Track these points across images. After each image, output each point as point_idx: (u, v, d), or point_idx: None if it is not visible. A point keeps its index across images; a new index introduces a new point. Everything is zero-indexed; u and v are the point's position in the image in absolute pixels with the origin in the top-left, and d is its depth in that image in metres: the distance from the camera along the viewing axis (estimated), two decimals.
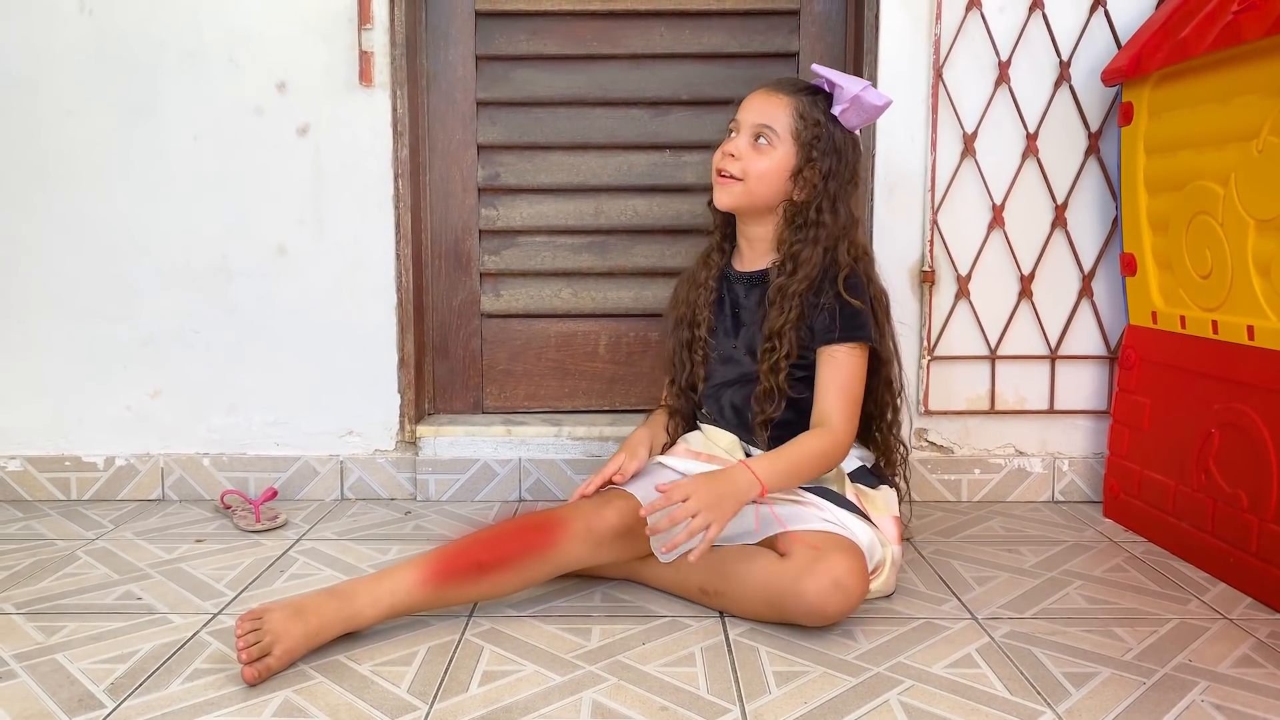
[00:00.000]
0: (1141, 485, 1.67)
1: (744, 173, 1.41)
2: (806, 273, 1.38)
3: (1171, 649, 1.22)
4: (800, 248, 1.40)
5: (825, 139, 1.40)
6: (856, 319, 1.38)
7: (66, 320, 1.84)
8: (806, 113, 1.40)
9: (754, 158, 1.41)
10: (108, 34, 1.79)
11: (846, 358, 1.38)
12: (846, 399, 1.37)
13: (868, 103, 1.40)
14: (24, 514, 1.79)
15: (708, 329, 1.49)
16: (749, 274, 1.48)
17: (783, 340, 1.38)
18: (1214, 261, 1.48)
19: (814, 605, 1.21)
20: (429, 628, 1.27)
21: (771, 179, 1.41)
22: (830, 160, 1.40)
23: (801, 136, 1.40)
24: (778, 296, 1.40)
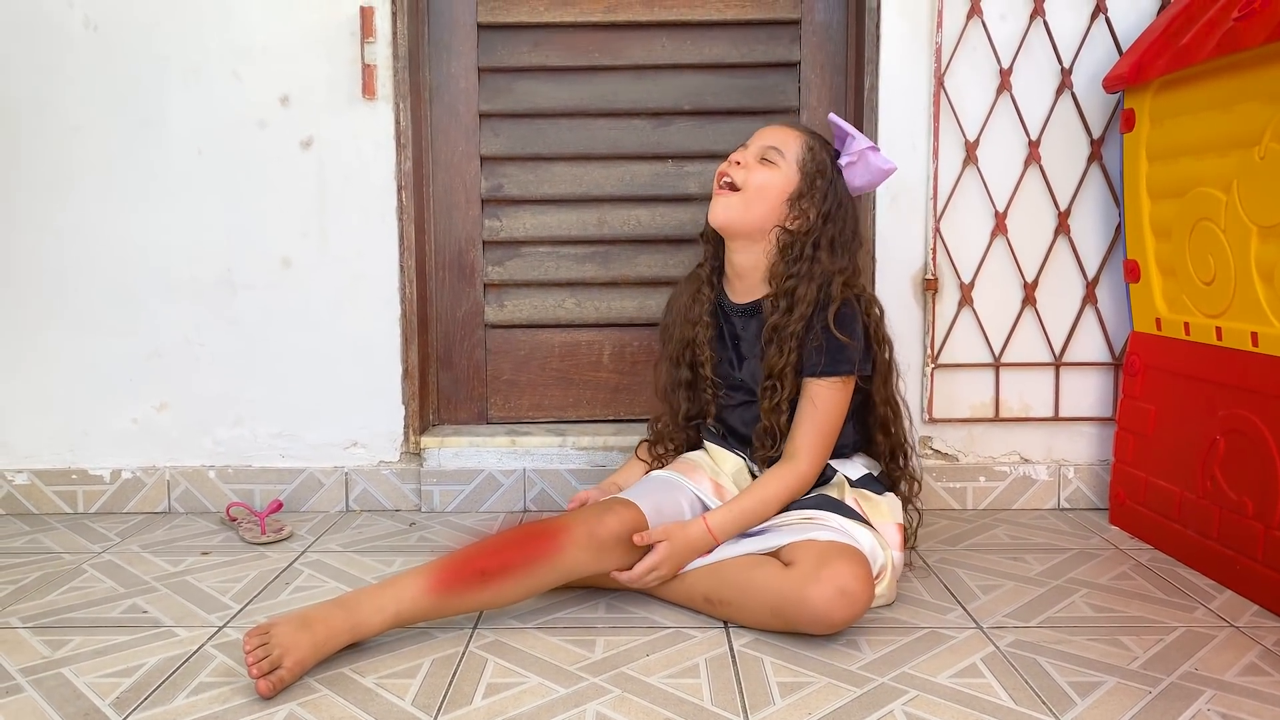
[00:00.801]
0: (1147, 492, 1.67)
1: (745, 183, 1.42)
2: (802, 311, 1.39)
3: (1178, 657, 1.21)
4: (795, 283, 1.41)
5: (827, 180, 1.43)
6: (842, 353, 1.39)
7: (73, 334, 1.85)
8: (816, 150, 1.44)
9: (757, 169, 1.43)
10: (112, 50, 1.80)
11: (827, 392, 1.39)
12: (819, 434, 1.39)
13: (874, 163, 1.43)
14: (31, 527, 1.80)
15: (712, 368, 1.49)
16: (744, 305, 1.49)
17: (784, 382, 1.40)
18: (1217, 268, 1.48)
19: (820, 613, 1.21)
20: (433, 639, 1.27)
21: (770, 195, 1.41)
22: (830, 203, 1.42)
23: (806, 167, 1.42)
24: (774, 336, 1.41)
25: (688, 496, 1.43)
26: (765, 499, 1.37)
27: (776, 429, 1.40)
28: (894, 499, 1.45)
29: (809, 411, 1.39)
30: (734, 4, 1.90)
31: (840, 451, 1.46)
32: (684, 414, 1.53)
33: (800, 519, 1.34)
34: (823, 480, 1.44)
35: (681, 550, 1.34)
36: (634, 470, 1.55)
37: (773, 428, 1.40)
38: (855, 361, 1.40)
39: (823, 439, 1.40)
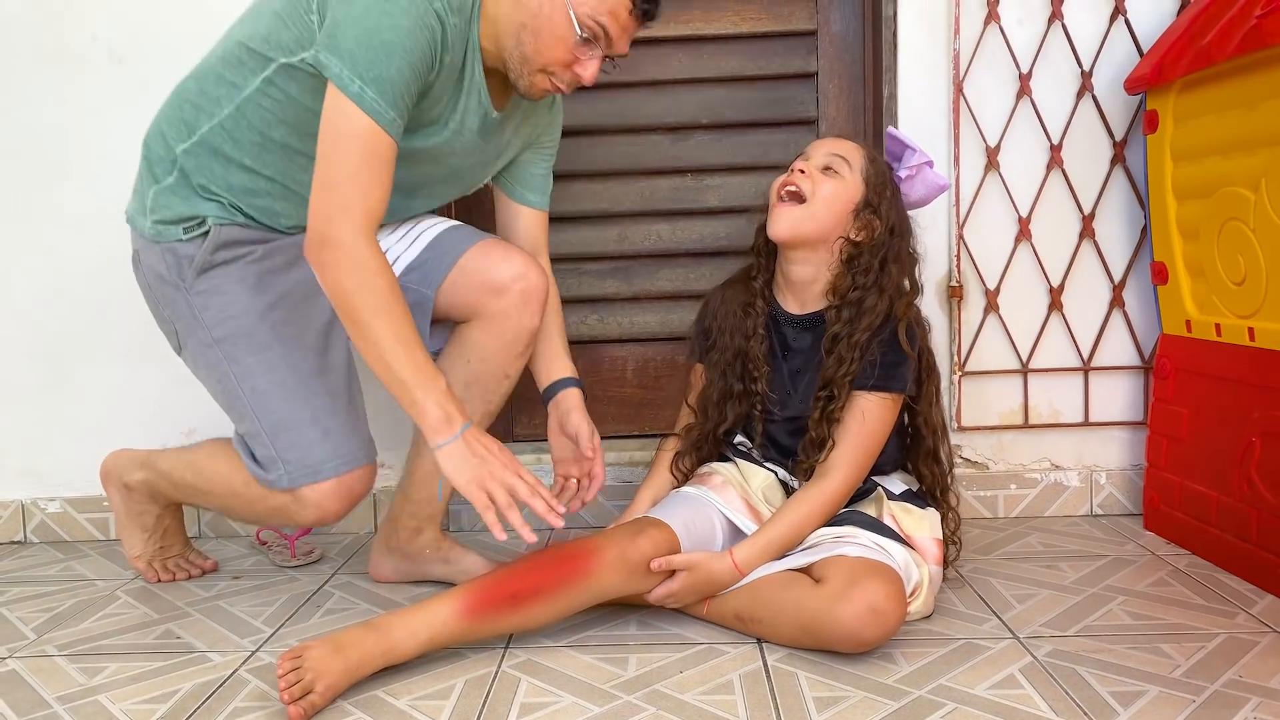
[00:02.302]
0: (1182, 496, 1.64)
1: (811, 193, 1.39)
2: (870, 322, 1.37)
3: (1220, 665, 1.19)
4: (862, 295, 1.38)
5: (891, 193, 1.41)
6: (897, 369, 1.37)
7: (103, 362, 1.87)
8: (877, 162, 1.42)
9: (823, 180, 1.40)
10: (136, 81, 1.83)
11: (876, 407, 1.37)
12: (860, 451, 1.37)
13: (930, 179, 1.42)
14: (64, 555, 1.82)
15: (766, 381, 1.46)
16: (801, 317, 1.46)
17: (840, 392, 1.37)
18: (1247, 268, 1.46)
19: (850, 632, 1.20)
20: (465, 660, 1.27)
21: (837, 205, 1.39)
22: (894, 217, 1.40)
23: (871, 179, 1.40)
24: (835, 345, 1.39)
25: (718, 515, 1.41)
26: (795, 526, 1.35)
27: (826, 437, 1.38)
28: (934, 514, 1.43)
29: (854, 426, 1.37)
30: (750, 17, 1.90)
31: (880, 468, 1.44)
32: (727, 428, 1.49)
33: (832, 537, 1.33)
34: (862, 494, 1.42)
35: (703, 583, 1.32)
36: (662, 481, 1.53)
37: (822, 438, 1.38)
38: (908, 380, 1.38)
39: (862, 456, 1.37)
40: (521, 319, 1.48)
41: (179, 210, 1.40)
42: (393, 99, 1.23)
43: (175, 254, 1.41)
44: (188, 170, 1.40)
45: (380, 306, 1.22)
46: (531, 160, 1.57)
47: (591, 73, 1.35)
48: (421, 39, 1.24)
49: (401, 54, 1.22)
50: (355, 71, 1.21)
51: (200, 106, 1.39)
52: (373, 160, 1.23)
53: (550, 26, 1.30)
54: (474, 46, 1.34)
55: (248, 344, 1.38)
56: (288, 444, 1.35)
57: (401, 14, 1.22)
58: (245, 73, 1.34)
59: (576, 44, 1.31)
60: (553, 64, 1.33)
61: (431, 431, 1.23)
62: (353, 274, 1.22)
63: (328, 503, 1.37)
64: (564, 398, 1.51)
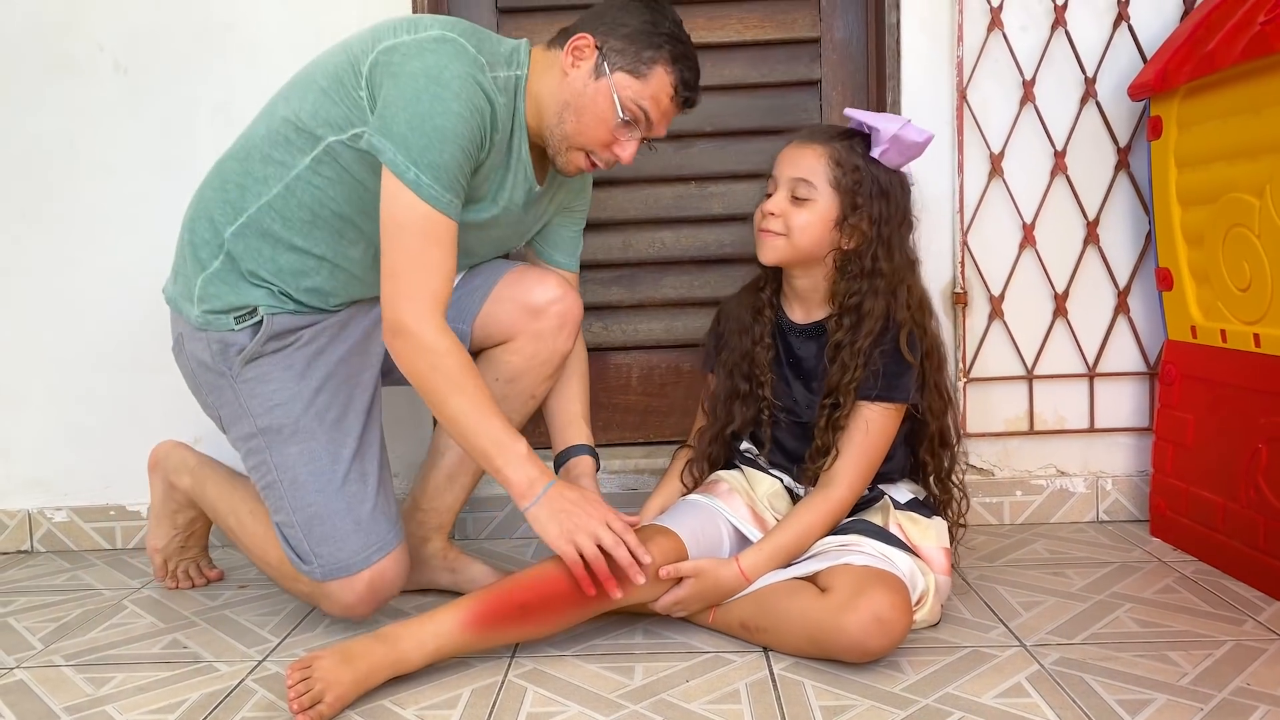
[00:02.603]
0: (1189, 503, 1.64)
1: (786, 228, 1.38)
2: (870, 326, 1.36)
3: (1228, 672, 1.19)
4: (860, 299, 1.37)
5: (868, 183, 1.37)
6: (899, 379, 1.37)
7: (108, 371, 1.88)
8: (843, 159, 1.37)
9: (794, 212, 1.38)
10: (142, 92, 1.84)
11: (878, 418, 1.37)
12: (863, 460, 1.37)
13: (908, 140, 1.36)
14: (71, 564, 1.82)
15: (771, 388, 1.46)
16: (805, 326, 1.46)
17: (845, 399, 1.37)
18: (1253, 274, 1.46)
19: (855, 641, 1.20)
20: (472, 669, 1.27)
21: (814, 231, 1.38)
22: (879, 205, 1.37)
23: (842, 184, 1.37)
24: (838, 353, 1.38)
25: (725, 523, 1.42)
26: (801, 534, 1.35)
27: (831, 445, 1.38)
28: (941, 523, 1.43)
29: (858, 435, 1.37)
30: (753, 25, 1.91)
31: (888, 476, 1.44)
32: (734, 428, 1.49)
33: (837, 545, 1.33)
34: (868, 502, 1.42)
35: (710, 590, 1.32)
36: (672, 490, 1.53)
37: (828, 445, 1.38)
38: (910, 390, 1.38)
39: (865, 466, 1.37)
40: (556, 342, 1.50)
41: (229, 300, 1.40)
42: (448, 182, 1.25)
43: (224, 343, 1.40)
44: (235, 254, 1.40)
45: (453, 385, 1.26)
46: (563, 224, 1.59)
47: (629, 154, 1.38)
48: (473, 122, 1.27)
49: (454, 138, 1.25)
50: (410, 158, 1.24)
51: (246, 187, 1.38)
52: (434, 245, 1.26)
53: (593, 107, 1.34)
54: (520, 123, 1.38)
55: (292, 433, 1.38)
56: (320, 537, 1.36)
57: (453, 98, 1.24)
58: (294, 151, 1.35)
59: (617, 126, 1.35)
60: (592, 144, 1.37)
61: (518, 497, 1.27)
62: (423, 357, 1.26)
63: (359, 606, 1.37)
64: (576, 464, 1.52)
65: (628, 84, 1.34)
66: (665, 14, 1.37)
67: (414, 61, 1.26)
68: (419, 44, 1.28)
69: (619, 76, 1.34)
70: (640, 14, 1.36)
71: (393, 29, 1.31)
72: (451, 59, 1.27)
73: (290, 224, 1.37)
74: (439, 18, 1.35)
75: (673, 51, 1.35)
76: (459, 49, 1.28)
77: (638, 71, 1.34)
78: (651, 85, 1.34)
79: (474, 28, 1.36)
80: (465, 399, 1.26)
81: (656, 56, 1.34)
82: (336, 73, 1.32)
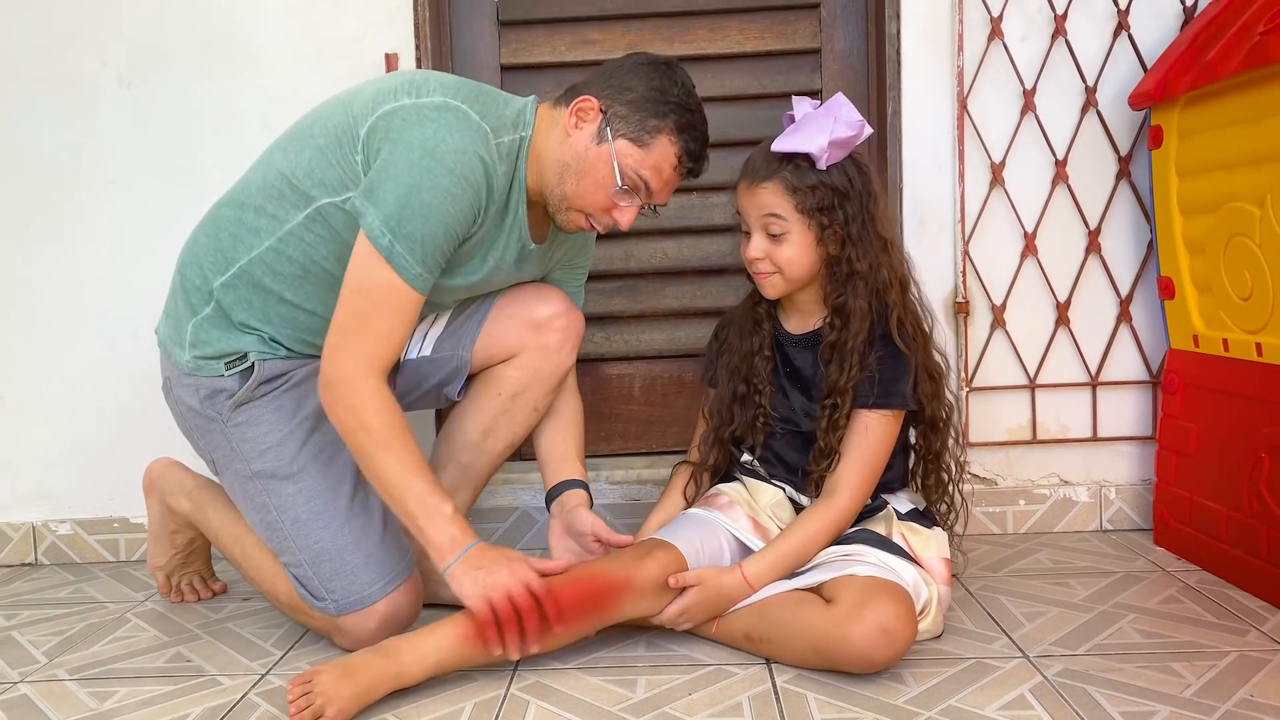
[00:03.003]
0: (1192, 512, 1.64)
1: (777, 266, 1.39)
2: (858, 325, 1.37)
3: (1232, 683, 1.19)
4: (844, 299, 1.38)
5: (828, 194, 1.35)
6: (895, 384, 1.37)
7: (113, 384, 1.88)
8: (798, 183, 1.35)
9: (776, 250, 1.38)
10: (145, 105, 1.84)
11: (877, 425, 1.37)
12: (864, 468, 1.37)
13: (844, 139, 1.34)
14: (75, 577, 1.82)
15: (769, 399, 1.46)
16: (801, 336, 1.46)
17: (844, 399, 1.37)
18: (1254, 283, 1.46)
19: (861, 652, 1.20)
20: (474, 683, 1.27)
21: (801, 259, 1.38)
22: (844, 208, 1.36)
23: (806, 206, 1.35)
24: (833, 354, 1.39)
25: (726, 535, 1.42)
26: (805, 542, 1.35)
27: (832, 447, 1.38)
28: (941, 533, 1.43)
29: (858, 444, 1.37)
30: (754, 36, 1.91)
31: (889, 486, 1.44)
32: (732, 431, 1.49)
33: (840, 555, 1.33)
34: (871, 511, 1.42)
35: (714, 598, 1.32)
36: (673, 505, 1.52)
37: (830, 446, 1.38)
38: (908, 396, 1.38)
39: (867, 474, 1.37)
40: (559, 356, 1.50)
41: (220, 346, 1.40)
42: (422, 256, 1.24)
43: (213, 389, 1.40)
44: (225, 304, 1.40)
45: (379, 444, 1.25)
46: (566, 278, 1.58)
47: (629, 219, 1.37)
48: (464, 199, 1.26)
49: (439, 215, 1.24)
50: (388, 226, 1.23)
51: (239, 237, 1.38)
52: (391, 313, 1.26)
53: (593, 172, 1.32)
54: (520, 185, 1.36)
55: (288, 474, 1.37)
56: (331, 573, 1.35)
57: (445, 173, 1.23)
58: (287, 206, 1.35)
59: (616, 192, 1.33)
60: (591, 207, 1.35)
61: (439, 557, 1.25)
62: (352, 414, 1.25)
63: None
64: (569, 497, 1.49)
65: (629, 152, 1.32)
66: (675, 80, 1.34)
67: (413, 130, 1.24)
68: (420, 110, 1.26)
69: (621, 144, 1.32)
70: (648, 79, 1.33)
71: (394, 90, 1.29)
72: (451, 130, 1.25)
73: (281, 278, 1.36)
74: (445, 79, 1.32)
75: (679, 121, 1.32)
76: (460, 118, 1.26)
77: (640, 140, 1.32)
78: (654, 155, 1.32)
79: (479, 89, 1.34)
80: (391, 458, 1.25)
81: (661, 126, 1.32)
82: (336, 132, 1.31)
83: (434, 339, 1.52)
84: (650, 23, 1.92)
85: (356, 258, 1.26)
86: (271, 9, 1.83)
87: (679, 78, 1.34)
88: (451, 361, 1.51)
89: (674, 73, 1.34)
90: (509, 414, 1.50)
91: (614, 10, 1.91)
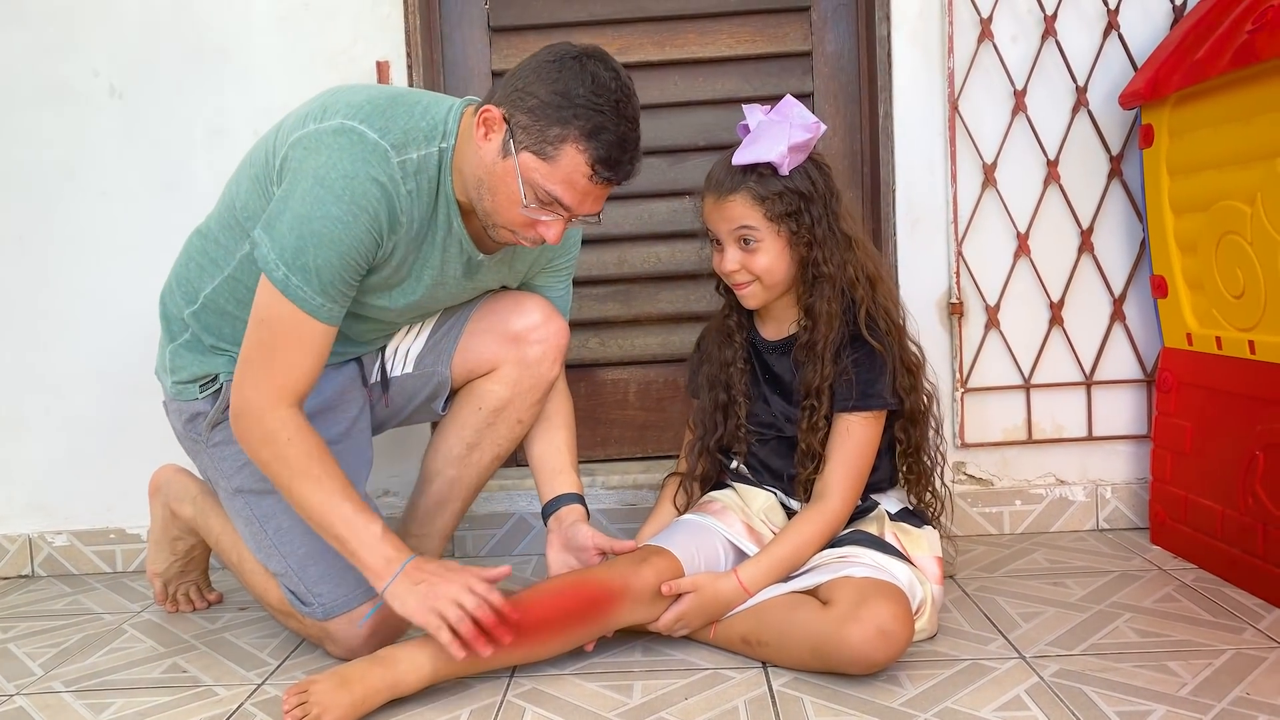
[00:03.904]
0: (1188, 510, 1.64)
1: (755, 275, 1.39)
2: (826, 325, 1.37)
3: (1228, 682, 1.19)
4: (814, 301, 1.38)
5: (794, 199, 1.36)
6: (873, 385, 1.37)
7: (106, 394, 1.88)
8: (764, 192, 1.35)
9: (752, 260, 1.38)
10: (137, 117, 1.84)
11: (858, 427, 1.38)
12: (851, 470, 1.37)
13: (801, 142, 1.34)
14: (72, 588, 1.82)
15: (747, 412, 1.46)
16: (778, 342, 1.47)
17: (822, 399, 1.37)
18: (1246, 281, 1.46)
19: (859, 653, 1.20)
20: (470, 690, 1.27)
21: (778, 266, 1.38)
22: (811, 209, 1.37)
23: (775, 213, 1.36)
24: (807, 356, 1.39)
25: (721, 540, 1.41)
26: (798, 545, 1.35)
27: (814, 449, 1.39)
28: (933, 532, 1.43)
29: (841, 446, 1.38)
30: (744, 39, 1.92)
31: (878, 486, 1.45)
32: (716, 439, 1.49)
33: (835, 557, 1.33)
34: (862, 512, 1.43)
35: (710, 603, 1.32)
36: (665, 515, 1.52)
37: (812, 447, 1.39)
38: (886, 396, 1.38)
39: (854, 476, 1.38)
40: (541, 368, 1.49)
41: (194, 370, 1.42)
42: (320, 287, 1.22)
43: (192, 413, 1.43)
44: (197, 331, 1.42)
45: (296, 473, 1.23)
46: (548, 284, 1.55)
47: (555, 234, 1.26)
48: (358, 225, 1.21)
49: (331, 244, 1.20)
50: (282, 258, 1.21)
51: (203, 267, 1.40)
52: (293, 345, 1.23)
53: (503, 188, 1.24)
54: (448, 199, 1.30)
55: (264, 488, 1.37)
56: (316, 577, 1.35)
57: (334, 201, 1.19)
58: (235, 236, 1.36)
59: (528, 209, 1.24)
60: (510, 224, 1.27)
61: (375, 578, 1.22)
62: (266, 445, 1.24)
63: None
64: (568, 512, 1.46)
65: (534, 166, 1.20)
66: (583, 77, 1.19)
67: (309, 159, 1.22)
68: (318, 137, 1.23)
69: (525, 157, 1.21)
70: (550, 81, 1.19)
71: (305, 117, 1.28)
72: (342, 155, 1.21)
73: (243, 304, 1.35)
74: (355, 97, 1.28)
75: (585, 126, 1.18)
76: (354, 141, 1.21)
77: (544, 153, 1.20)
78: (562, 167, 1.20)
79: (393, 101, 1.28)
80: (311, 484, 1.22)
81: (565, 134, 1.19)
82: (264, 161, 1.31)
83: (415, 355, 1.51)
84: (640, 27, 1.92)
85: (259, 290, 1.24)
86: (262, 19, 1.83)
87: (590, 72, 1.19)
88: (434, 378, 1.51)
89: (583, 67, 1.20)
90: (493, 428, 1.50)
91: (604, 16, 1.91)
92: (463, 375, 1.51)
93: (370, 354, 1.52)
